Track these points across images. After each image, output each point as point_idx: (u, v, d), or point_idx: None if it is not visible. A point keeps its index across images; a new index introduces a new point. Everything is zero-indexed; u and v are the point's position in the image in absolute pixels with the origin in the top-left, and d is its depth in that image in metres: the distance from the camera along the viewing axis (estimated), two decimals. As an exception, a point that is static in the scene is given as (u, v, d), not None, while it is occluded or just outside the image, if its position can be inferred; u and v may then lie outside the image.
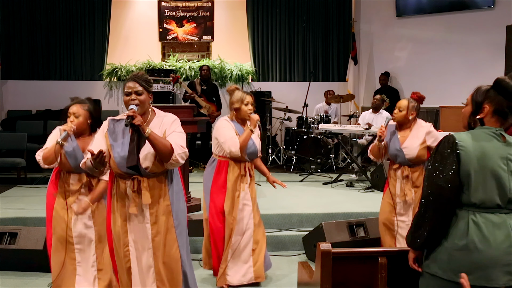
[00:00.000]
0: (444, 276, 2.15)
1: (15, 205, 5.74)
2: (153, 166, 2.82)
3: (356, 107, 10.41)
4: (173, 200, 2.94)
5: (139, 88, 2.85)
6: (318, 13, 10.74)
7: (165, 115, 2.97)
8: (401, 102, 3.99)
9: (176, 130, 2.89)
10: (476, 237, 2.09)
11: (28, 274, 4.36)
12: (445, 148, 2.17)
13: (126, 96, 2.86)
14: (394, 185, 3.99)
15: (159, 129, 2.87)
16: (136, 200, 2.85)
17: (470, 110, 2.25)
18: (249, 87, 10.43)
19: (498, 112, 2.18)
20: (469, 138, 2.16)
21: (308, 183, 7.37)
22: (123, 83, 9.99)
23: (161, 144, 2.73)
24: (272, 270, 4.41)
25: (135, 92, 2.84)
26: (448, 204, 2.15)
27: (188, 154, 2.88)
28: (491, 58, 8.67)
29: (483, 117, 2.20)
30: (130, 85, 2.86)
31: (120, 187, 2.87)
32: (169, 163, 2.80)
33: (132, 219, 2.90)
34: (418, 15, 9.97)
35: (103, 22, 10.29)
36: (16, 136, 8.16)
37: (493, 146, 2.14)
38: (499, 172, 2.12)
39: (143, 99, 2.85)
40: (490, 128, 2.19)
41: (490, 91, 2.19)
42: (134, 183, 2.84)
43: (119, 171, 2.85)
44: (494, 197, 2.11)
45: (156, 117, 2.95)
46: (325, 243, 2.46)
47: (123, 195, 2.87)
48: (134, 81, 2.86)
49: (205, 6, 10.62)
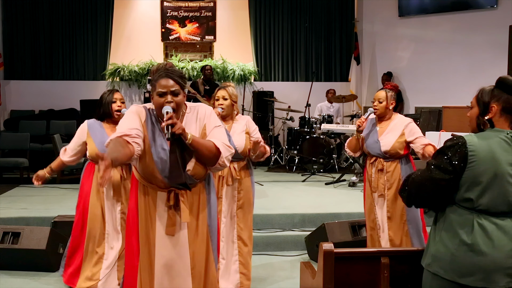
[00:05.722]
0: (446, 276, 2.14)
1: (18, 205, 5.74)
2: (195, 169, 2.37)
3: (358, 107, 10.40)
4: (211, 213, 2.50)
5: (176, 87, 2.33)
6: (320, 13, 10.73)
7: (197, 106, 2.50)
8: (379, 93, 3.97)
9: (216, 124, 2.44)
10: (481, 240, 2.09)
11: (30, 274, 4.36)
12: (453, 149, 2.14)
13: (160, 97, 2.32)
14: (370, 180, 3.98)
15: (196, 124, 2.43)
16: (174, 218, 2.37)
17: (477, 112, 2.22)
18: (251, 87, 10.43)
19: (506, 110, 2.17)
20: (480, 141, 2.14)
21: (311, 183, 7.36)
22: (127, 83, 9.76)
23: (205, 149, 2.31)
24: (274, 270, 4.41)
25: (171, 92, 2.31)
26: (428, 198, 2.20)
27: (233, 153, 2.48)
28: (494, 58, 8.65)
29: (492, 117, 2.19)
30: (163, 83, 2.31)
31: (151, 198, 2.38)
32: (214, 167, 2.40)
33: (165, 240, 2.40)
34: (420, 15, 9.96)
35: (106, 22, 10.30)
36: (19, 136, 8.19)
37: (503, 150, 2.12)
38: (508, 178, 2.11)
39: (180, 101, 2.34)
40: (502, 131, 2.17)
41: (495, 91, 2.18)
42: (171, 196, 2.36)
43: (156, 176, 2.35)
44: (501, 202, 2.10)
45: (188, 110, 2.47)
46: (327, 243, 2.45)
47: (153, 210, 2.39)
48: (169, 77, 2.32)
49: (208, 6, 10.62)
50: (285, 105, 9.09)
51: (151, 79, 2.44)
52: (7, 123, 9.44)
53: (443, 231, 2.19)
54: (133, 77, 10.17)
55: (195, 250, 2.42)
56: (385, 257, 2.44)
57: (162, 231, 2.40)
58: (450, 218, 2.18)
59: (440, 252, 2.18)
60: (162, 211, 2.38)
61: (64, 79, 10.27)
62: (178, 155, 2.30)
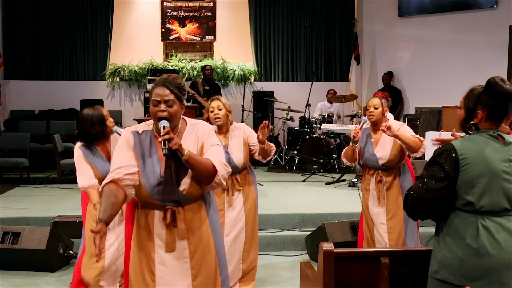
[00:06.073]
0: (456, 282, 2.11)
1: (18, 205, 5.74)
2: (190, 188, 2.31)
3: (358, 107, 10.40)
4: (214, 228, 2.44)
5: (171, 97, 2.29)
6: (320, 13, 10.72)
7: (197, 123, 2.46)
8: (373, 100, 3.94)
9: (214, 143, 2.40)
10: (487, 242, 2.07)
11: (30, 274, 4.36)
12: (443, 156, 2.13)
13: (154, 106, 2.29)
14: (367, 188, 3.96)
15: (195, 142, 2.39)
16: (172, 236, 2.32)
17: (464, 115, 2.20)
18: (251, 87, 10.43)
19: (492, 116, 2.14)
20: (468, 145, 2.13)
21: (311, 183, 7.36)
22: (126, 83, 9.77)
23: (202, 166, 2.26)
24: (274, 270, 4.41)
25: (165, 102, 2.28)
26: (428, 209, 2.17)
27: (230, 172, 2.42)
28: (494, 58, 8.64)
29: (477, 122, 2.16)
30: (158, 92, 2.29)
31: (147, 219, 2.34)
32: (210, 186, 2.33)
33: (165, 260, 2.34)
34: (420, 15, 9.95)
35: (106, 22, 10.29)
36: (19, 136, 8.19)
37: (493, 149, 2.12)
38: (503, 175, 2.10)
39: (174, 111, 2.30)
40: (487, 131, 2.15)
41: (482, 96, 2.14)
42: (168, 215, 2.30)
43: (148, 199, 2.32)
44: (501, 201, 2.10)
45: (188, 126, 2.44)
46: (327, 243, 2.45)
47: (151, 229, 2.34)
48: (164, 86, 2.30)
49: (208, 6, 10.62)
50: (285, 105, 9.09)
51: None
52: (7, 123, 9.44)
53: (448, 236, 2.17)
54: (133, 77, 10.17)
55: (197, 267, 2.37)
56: (385, 257, 2.44)
57: (161, 249, 2.36)
58: (454, 223, 2.16)
59: (447, 258, 2.15)
60: (160, 229, 2.33)
61: (64, 79, 10.26)
62: (173, 171, 2.25)
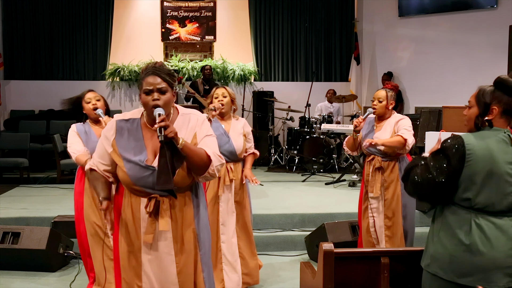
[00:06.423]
0: (445, 276, 2.14)
1: (18, 205, 5.74)
2: (178, 178, 2.25)
3: (358, 107, 10.40)
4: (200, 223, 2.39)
5: (163, 85, 2.25)
6: (320, 13, 10.73)
7: (190, 113, 2.40)
8: (379, 92, 3.95)
9: (208, 133, 2.36)
10: (479, 240, 2.09)
11: (30, 274, 4.36)
12: (450, 147, 2.14)
13: (146, 94, 2.24)
14: (367, 180, 3.97)
15: (187, 131, 2.34)
16: (153, 226, 2.27)
17: (477, 112, 2.22)
18: (251, 87, 10.43)
19: (506, 112, 2.17)
20: (478, 140, 2.14)
21: (311, 183, 7.36)
22: (127, 83, 9.74)
23: (196, 156, 2.21)
24: (274, 270, 4.41)
25: (158, 90, 2.24)
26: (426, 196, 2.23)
27: (224, 164, 2.38)
28: (494, 58, 8.65)
29: (492, 118, 2.19)
30: (150, 81, 2.24)
31: (133, 205, 2.30)
32: (203, 177, 2.28)
33: (149, 249, 2.31)
34: (420, 15, 9.96)
35: (106, 22, 10.30)
36: (19, 136, 8.19)
37: (501, 150, 2.13)
38: (506, 177, 2.11)
39: (167, 99, 2.26)
40: (499, 130, 2.17)
41: (496, 92, 2.17)
42: (151, 204, 2.25)
43: (133, 186, 2.28)
44: (499, 201, 2.10)
45: (180, 115, 2.39)
46: (327, 243, 2.46)
47: (137, 216, 2.30)
48: (155, 74, 2.25)
49: (208, 6, 10.62)
50: (285, 105, 9.09)
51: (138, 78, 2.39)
52: (7, 123, 9.44)
53: (441, 231, 2.20)
54: (133, 77, 10.17)
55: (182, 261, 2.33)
56: (385, 257, 2.44)
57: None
58: (448, 218, 2.18)
59: (438, 253, 2.18)
60: (144, 215, 2.29)
61: (64, 79, 10.27)
62: (168, 160, 2.18)
